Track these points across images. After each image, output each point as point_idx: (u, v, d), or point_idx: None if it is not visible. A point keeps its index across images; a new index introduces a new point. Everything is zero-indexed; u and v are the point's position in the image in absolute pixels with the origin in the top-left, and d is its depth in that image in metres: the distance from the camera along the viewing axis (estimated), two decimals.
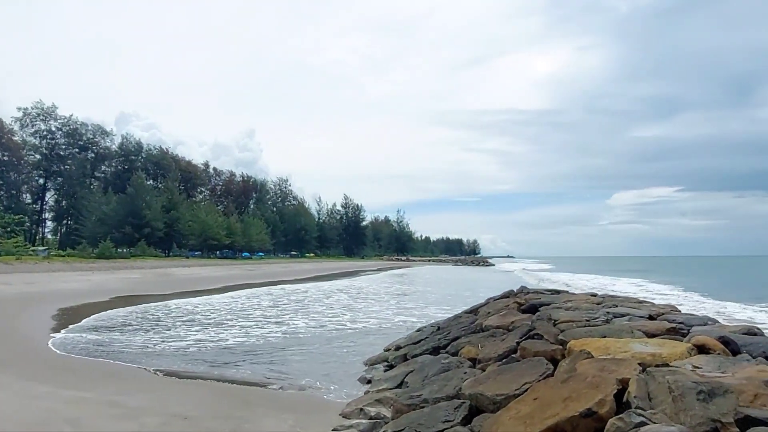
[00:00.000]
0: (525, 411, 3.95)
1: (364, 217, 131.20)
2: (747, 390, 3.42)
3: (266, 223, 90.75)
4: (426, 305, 20.31)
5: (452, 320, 10.49)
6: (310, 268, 59.99)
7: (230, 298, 22.66)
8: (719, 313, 16.02)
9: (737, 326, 6.03)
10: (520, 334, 6.36)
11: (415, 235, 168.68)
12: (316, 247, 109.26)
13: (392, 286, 33.37)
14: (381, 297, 24.69)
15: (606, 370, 4.15)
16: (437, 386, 5.62)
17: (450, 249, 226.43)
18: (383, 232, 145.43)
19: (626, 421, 3.20)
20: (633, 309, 7.50)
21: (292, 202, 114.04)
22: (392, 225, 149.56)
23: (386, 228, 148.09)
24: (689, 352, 4.70)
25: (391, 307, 19.82)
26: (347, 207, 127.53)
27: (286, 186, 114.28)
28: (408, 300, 23.17)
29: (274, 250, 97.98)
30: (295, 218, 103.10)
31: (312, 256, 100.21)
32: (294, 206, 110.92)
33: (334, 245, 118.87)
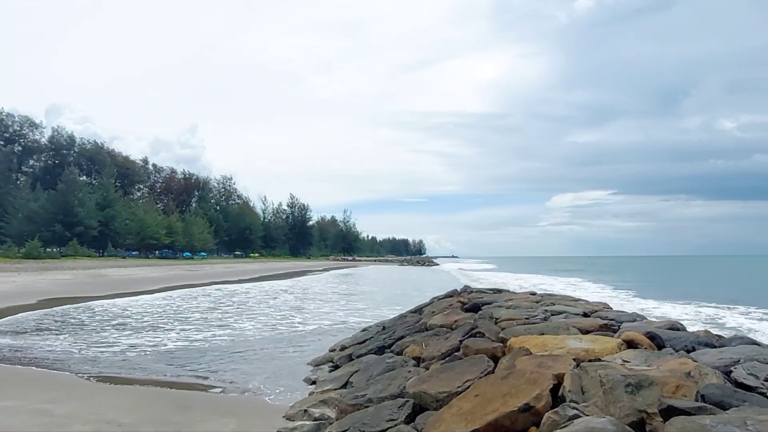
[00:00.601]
0: (466, 407, 4.04)
1: (311, 216, 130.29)
2: (670, 381, 3.64)
3: (209, 222, 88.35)
4: (372, 305, 20.37)
5: (397, 320, 10.59)
6: (255, 269, 58.83)
7: (166, 299, 21.82)
8: (644, 309, 16.97)
9: (662, 322, 6.41)
10: (463, 333, 6.50)
11: (362, 235, 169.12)
12: (262, 247, 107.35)
13: (339, 287, 33.27)
14: (327, 297, 24.56)
15: (543, 366, 4.31)
16: (381, 385, 5.65)
17: (396, 249, 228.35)
18: (330, 232, 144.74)
19: (561, 414, 3.34)
20: (569, 307, 7.82)
21: (237, 200, 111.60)
22: (339, 225, 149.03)
23: (333, 228, 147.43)
24: (619, 347, 4.96)
25: (337, 307, 19.76)
26: (293, 206, 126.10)
27: (231, 184, 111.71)
28: (354, 300, 23.17)
29: (218, 250, 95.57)
30: (239, 217, 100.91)
31: (257, 256, 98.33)
32: (238, 205, 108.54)
33: (280, 245, 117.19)
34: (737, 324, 14.47)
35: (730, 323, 14.63)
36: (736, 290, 29.78)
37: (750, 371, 3.90)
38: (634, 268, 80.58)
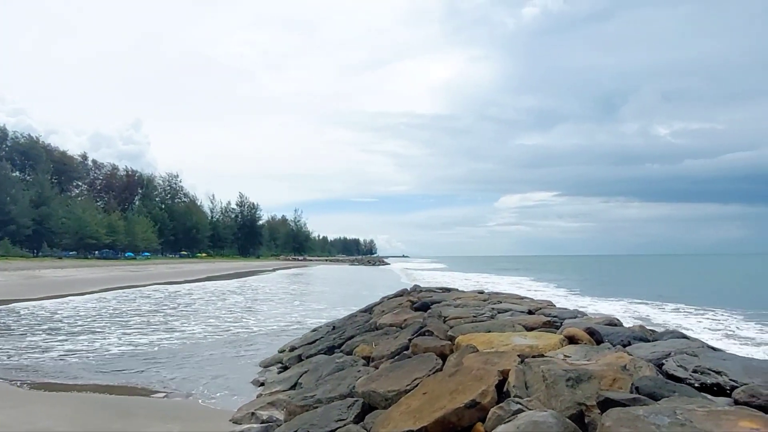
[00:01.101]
0: (415, 405, 4.09)
1: (260, 216, 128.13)
2: (607, 375, 3.81)
3: (153, 221, 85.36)
4: (323, 305, 20.25)
5: (347, 319, 10.57)
6: (202, 269, 57.23)
7: (101, 300, 20.88)
8: (585, 306, 17.69)
9: (601, 318, 6.71)
10: (412, 332, 6.56)
11: (313, 234, 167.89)
12: (209, 247, 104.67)
13: (289, 287, 32.88)
14: (277, 298, 24.22)
15: (489, 363, 4.42)
16: (331, 386, 5.63)
17: (347, 248, 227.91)
18: (280, 232, 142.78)
19: (506, 409, 3.44)
20: (515, 305, 8.05)
21: (183, 199, 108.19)
22: (289, 224, 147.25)
23: (283, 227, 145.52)
24: (561, 343, 5.14)
25: (287, 307, 19.52)
26: (242, 205, 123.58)
27: (177, 182, 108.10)
28: (305, 300, 22.96)
29: (162, 250, 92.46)
30: (185, 216, 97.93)
31: (204, 256, 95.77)
32: (185, 204, 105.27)
33: (229, 245, 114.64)
34: (666, 320, 15.31)
35: (660, 319, 15.45)
36: (666, 288, 31.52)
37: (679, 363, 4.13)
38: (577, 267, 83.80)
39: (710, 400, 3.43)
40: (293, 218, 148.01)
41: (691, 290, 29.43)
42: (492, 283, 35.15)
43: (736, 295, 25.79)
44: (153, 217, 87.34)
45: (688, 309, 18.49)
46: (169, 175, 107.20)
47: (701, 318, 16.14)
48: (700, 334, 11.93)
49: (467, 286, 27.94)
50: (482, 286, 29.06)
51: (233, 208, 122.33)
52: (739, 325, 14.60)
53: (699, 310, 18.07)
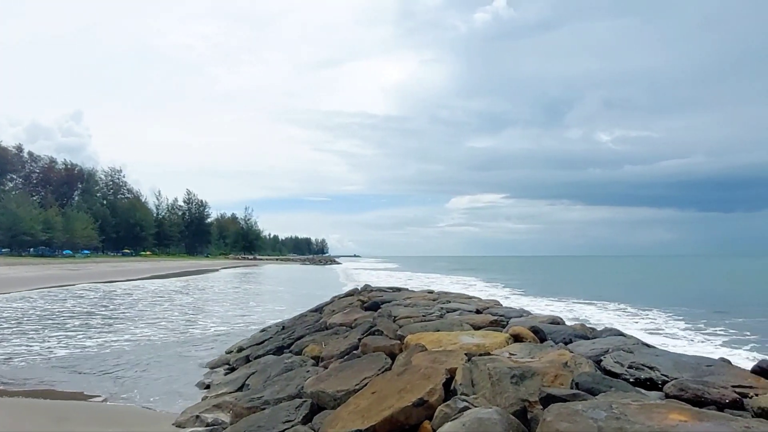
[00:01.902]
0: (363, 405, 4.09)
1: (209, 213, 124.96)
2: (549, 372, 3.94)
3: (94, 218, 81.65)
4: (273, 305, 19.96)
5: (297, 319, 10.46)
6: (146, 267, 55.16)
7: (29, 300, 19.77)
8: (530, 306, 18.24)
9: (545, 317, 6.94)
10: (362, 331, 6.57)
11: (264, 233, 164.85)
12: (154, 245, 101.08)
13: (239, 286, 32.21)
14: (225, 297, 23.67)
15: (437, 362, 4.48)
16: (279, 387, 5.56)
17: (299, 248, 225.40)
18: (229, 230, 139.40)
19: (452, 407, 3.49)
20: (463, 304, 8.20)
21: (127, 195, 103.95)
22: (239, 223, 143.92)
23: (233, 225, 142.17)
24: (507, 341, 5.28)
25: (235, 307, 19.11)
26: (190, 202, 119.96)
27: (120, 177, 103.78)
28: (254, 300, 22.55)
29: (103, 247, 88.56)
30: (129, 213, 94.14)
31: (148, 255, 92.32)
32: (128, 200, 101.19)
33: (175, 243, 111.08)
34: (605, 318, 15.99)
35: (600, 318, 16.13)
36: (605, 288, 32.96)
37: (616, 359, 4.33)
38: (523, 267, 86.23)
39: (644, 395, 3.61)
40: (243, 216, 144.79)
41: (628, 290, 30.88)
42: (442, 283, 35.67)
43: (668, 294, 27.27)
44: (94, 213, 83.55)
45: (625, 308, 19.39)
46: (112, 169, 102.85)
47: (637, 316, 16.96)
48: (635, 332, 12.54)
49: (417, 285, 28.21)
50: (432, 285, 29.41)
51: (180, 205, 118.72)
52: (671, 322, 15.44)
53: (635, 308, 18.97)
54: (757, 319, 16.10)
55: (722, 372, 3.97)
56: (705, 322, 15.32)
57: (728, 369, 4.07)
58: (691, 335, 13.06)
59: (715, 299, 24.26)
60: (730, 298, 25.46)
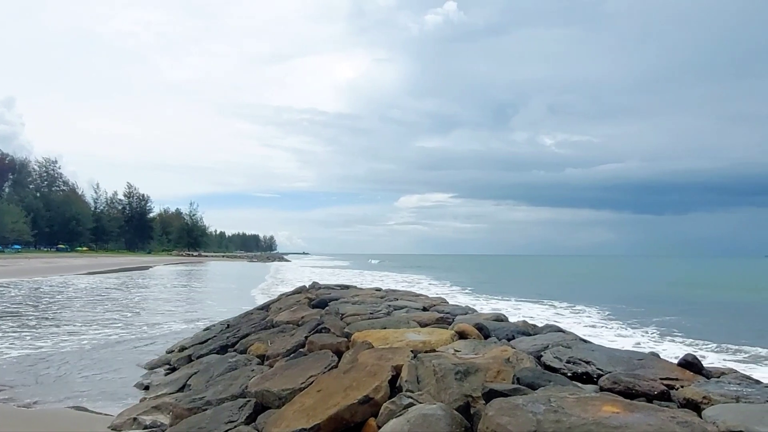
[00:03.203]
0: (309, 403, 4.06)
1: (151, 208, 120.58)
2: (492, 367, 4.04)
3: (26, 211, 76.98)
4: (216, 303, 19.47)
5: (243, 317, 10.25)
6: (82, 264, 52.50)
7: None
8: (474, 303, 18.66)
9: (489, 314, 7.10)
10: (309, 329, 6.52)
11: (210, 229, 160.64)
12: (92, 241, 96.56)
13: (181, 284, 31.21)
14: (167, 295, 22.88)
15: (383, 359, 4.50)
16: (222, 386, 5.43)
17: (246, 245, 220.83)
18: (173, 226, 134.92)
19: (397, 403, 3.52)
20: (410, 302, 8.28)
21: (62, 187, 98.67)
22: (184, 218, 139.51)
23: (177, 221, 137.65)
24: (452, 338, 5.37)
25: (177, 305, 18.51)
26: (131, 196, 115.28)
27: (55, 168, 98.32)
28: (198, 298, 21.91)
29: (36, 242, 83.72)
30: (64, 206, 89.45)
31: (85, 250, 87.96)
32: (64, 192, 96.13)
33: (114, 239, 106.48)
34: (547, 315, 16.58)
35: (542, 314, 16.69)
36: (547, 286, 34.19)
37: (555, 355, 4.49)
38: (470, 265, 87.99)
39: (580, 388, 3.76)
40: (188, 212, 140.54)
41: (568, 289, 32.13)
42: (391, 281, 35.89)
43: (605, 293, 28.56)
44: (26, 206, 78.86)
45: (566, 305, 20.15)
46: (47, 160, 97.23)
47: (577, 313, 17.66)
48: (575, 328, 13.06)
49: (366, 283, 28.27)
50: (380, 283, 29.55)
51: (120, 199, 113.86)
52: (607, 319, 16.19)
53: (575, 306, 19.75)
54: (685, 316, 17.12)
55: (652, 365, 4.19)
56: (638, 319, 16.14)
57: (657, 362, 4.31)
58: (625, 331, 13.72)
59: (648, 297, 25.64)
60: (660, 296, 26.96)
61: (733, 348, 11.19)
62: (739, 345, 11.46)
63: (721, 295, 26.36)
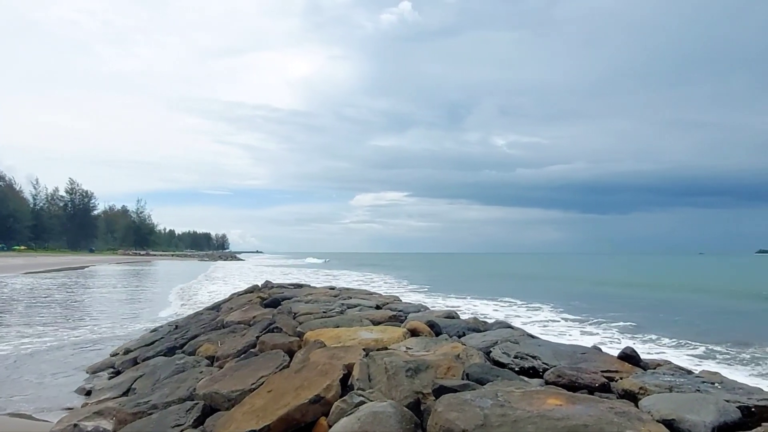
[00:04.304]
0: (259, 404, 4.00)
1: (96, 205, 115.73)
2: (443, 364, 4.10)
3: None
4: (164, 303, 18.89)
5: (192, 318, 9.99)
6: (19, 263, 49.75)
7: None
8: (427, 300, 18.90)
9: (441, 311, 7.20)
10: (260, 329, 6.42)
11: (158, 227, 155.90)
12: (30, 239, 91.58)
13: (127, 284, 30.08)
14: (111, 296, 22.00)
15: (335, 358, 4.49)
16: (169, 389, 5.28)
17: (197, 243, 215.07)
18: (119, 224, 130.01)
19: (348, 402, 3.52)
20: (364, 300, 8.30)
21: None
22: (131, 216, 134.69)
23: (123, 219, 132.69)
24: (404, 335, 5.42)
25: (122, 306, 17.83)
26: (73, 193, 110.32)
27: None
28: (145, 298, 21.17)
29: None
30: (0, 203, 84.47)
31: (23, 249, 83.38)
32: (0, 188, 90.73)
33: (55, 237, 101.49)
34: (497, 312, 16.96)
35: (492, 311, 17.07)
36: (498, 283, 35.00)
37: (504, 350, 4.61)
38: (424, 264, 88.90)
39: (526, 382, 3.87)
40: (135, 209, 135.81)
41: (519, 286, 32.99)
42: (345, 279, 35.82)
43: (554, 289, 29.49)
44: None
45: (516, 302, 20.67)
46: None
47: (527, 310, 18.15)
48: (524, 325, 13.43)
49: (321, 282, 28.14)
50: (335, 282, 29.49)
51: (62, 195, 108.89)
52: (554, 315, 16.73)
53: (525, 302, 20.29)
54: (626, 312, 17.89)
55: (594, 359, 4.37)
56: (586, 314, 16.74)
57: (599, 356, 4.49)
58: (569, 326, 14.21)
59: (593, 294, 26.65)
60: (605, 292, 28.07)
61: (671, 341, 11.80)
62: (677, 338, 12.09)
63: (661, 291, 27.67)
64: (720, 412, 2.86)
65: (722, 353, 10.38)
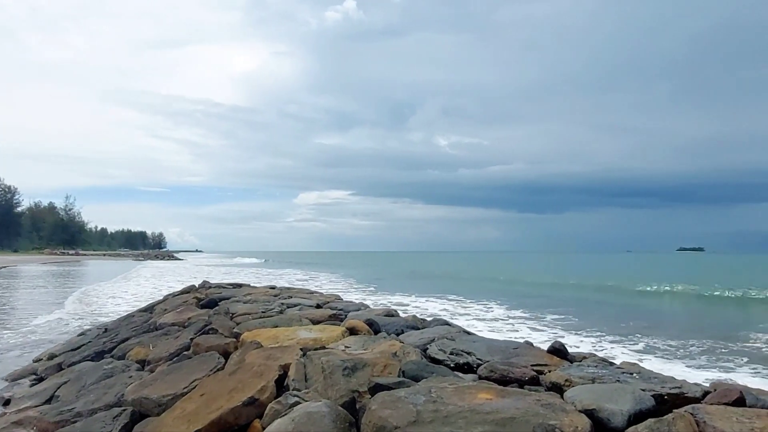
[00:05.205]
0: (191, 408, 3.88)
1: (20, 201, 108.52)
2: (379, 362, 4.13)
3: None
4: (94, 306, 17.96)
5: (123, 320, 9.57)
6: None
7: None
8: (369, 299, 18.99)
9: (381, 310, 7.26)
10: (195, 330, 6.24)
11: (89, 225, 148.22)
12: None
13: (54, 285, 28.37)
14: (36, 298, 20.69)
15: (272, 358, 4.43)
16: (95, 396, 5.04)
17: (131, 242, 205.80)
18: (46, 221, 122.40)
19: (283, 403, 3.48)
20: (304, 299, 8.23)
21: None
22: (59, 213, 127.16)
23: (50, 216, 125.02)
24: (343, 334, 5.42)
25: (48, 309, 16.80)
26: None
27: None
28: (72, 300, 20.04)
29: None
30: None
31: None
32: None
33: None
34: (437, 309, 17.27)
35: (432, 309, 17.36)
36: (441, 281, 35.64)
37: (440, 347, 4.70)
38: (367, 262, 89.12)
39: (461, 378, 3.96)
40: (64, 206, 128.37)
41: (460, 283, 33.74)
42: (287, 279, 35.36)
43: (493, 286, 30.37)
44: None
45: (457, 299, 21.13)
46: None
47: (467, 307, 18.58)
48: (464, 322, 13.75)
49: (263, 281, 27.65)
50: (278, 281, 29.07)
51: None
52: (491, 311, 17.23)
53: (466, 300, 20.77)
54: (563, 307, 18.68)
55: (525, 353, 4.53)
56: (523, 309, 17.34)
57: (530, 350, 4.67)
58: (505, 323, 14.68)
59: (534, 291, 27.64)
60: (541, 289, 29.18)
61: (598, 334, 12.43)
62: (604, 333, 12.75)
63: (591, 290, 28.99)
64: (636, 400, 3.04)
65: (655, 347, 10.98)
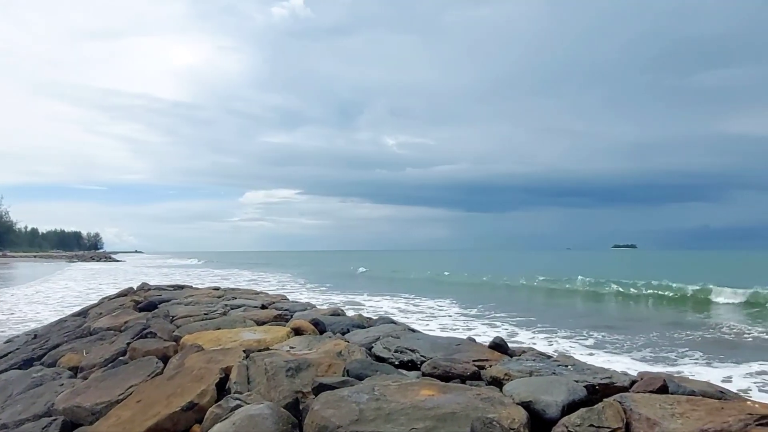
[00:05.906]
0: (126, 416, 3.73)
1: None
2: (324, 362, 4.11)
3: None
4: (25, 311, 16.93)
5: (54, 325, 9.06)
6: None
7: None
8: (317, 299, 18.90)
9: (328, 309, 7.23)
10: (132, 334, 5.99)
11: (18, 225, 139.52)
12: None
13: None
14: None
15: (213, 361, 4.32)
16: (23, 406, 4.75)
17: (65, 243, 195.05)
18: None
19: (224, 406, 3.40)
20: (249, 300, 8.07)
21: None
22: None
23: None
24: (288, 335, 5.36)
25: None
26: None
27: None
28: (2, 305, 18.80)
29: None
30: None
31: None
32: None
33: None
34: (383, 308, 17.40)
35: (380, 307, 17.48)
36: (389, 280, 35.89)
37: (385, 345, 4.73)
38: (314, 261, 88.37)
39: (404, 375, 4.01)
40: None
41: (408, 282, 34.07)
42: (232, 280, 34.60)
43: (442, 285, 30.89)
44: None
45: (406, 297, 21.34)
46: None
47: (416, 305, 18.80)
48: (418, 320, 13.93)
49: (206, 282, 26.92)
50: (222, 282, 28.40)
51: None
52: (438, 309, 17.53)
53: (412, 298, 21.00)
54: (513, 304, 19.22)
55: (468, 349, 4.64)
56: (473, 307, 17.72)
57: (472, 346, 4.78)
58: (451, 320, 14.96)
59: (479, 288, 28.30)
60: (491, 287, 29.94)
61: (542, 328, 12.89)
62: (546, 326, 13.23)
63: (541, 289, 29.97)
64: (570, 391, 3.17)
65: (604, 342, 11.42)
